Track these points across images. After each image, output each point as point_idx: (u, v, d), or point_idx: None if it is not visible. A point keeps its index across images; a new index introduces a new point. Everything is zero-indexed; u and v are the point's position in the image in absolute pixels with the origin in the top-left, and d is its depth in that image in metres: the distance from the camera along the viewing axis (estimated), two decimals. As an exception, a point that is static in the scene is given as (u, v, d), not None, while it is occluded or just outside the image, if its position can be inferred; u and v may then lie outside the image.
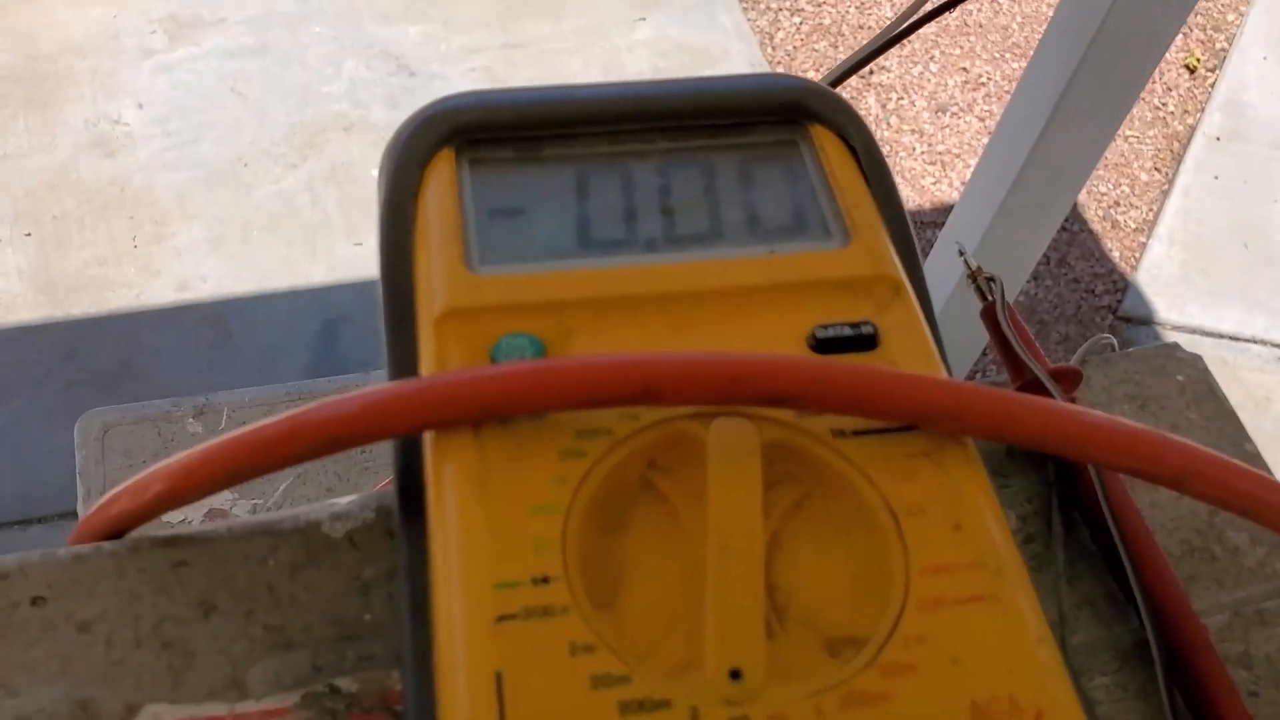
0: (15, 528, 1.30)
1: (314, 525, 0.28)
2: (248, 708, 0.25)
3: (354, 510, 0.28)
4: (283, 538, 0.27)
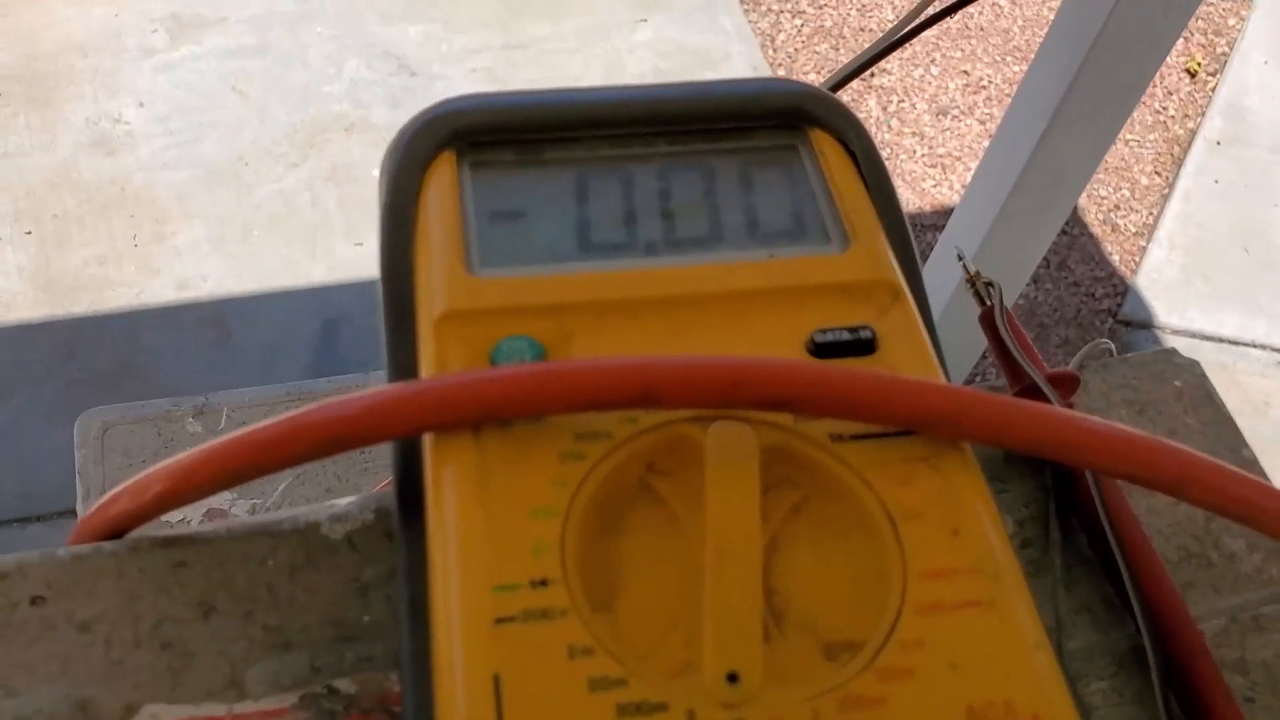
0: (15, 526, 1.30)
1: (313, 526, 0.28)
2: (246, 708, 0.25)
3: (353, 512, 0.28)
4: (282, 539, 0.27)
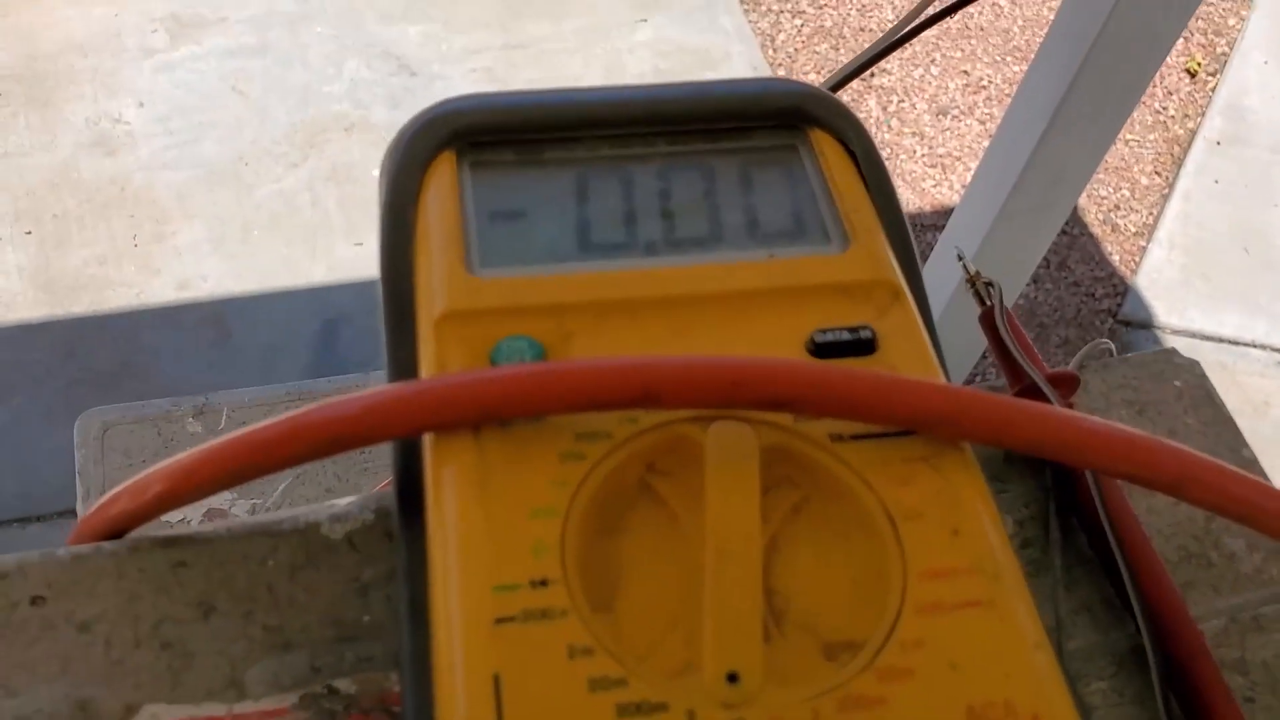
0: (14, 525, 1.30)
1: (313, 526, 0.28)
2: (246, 708, 0.25)
3: (353, 512, 0.28)
4: (282, 539, 0.27)
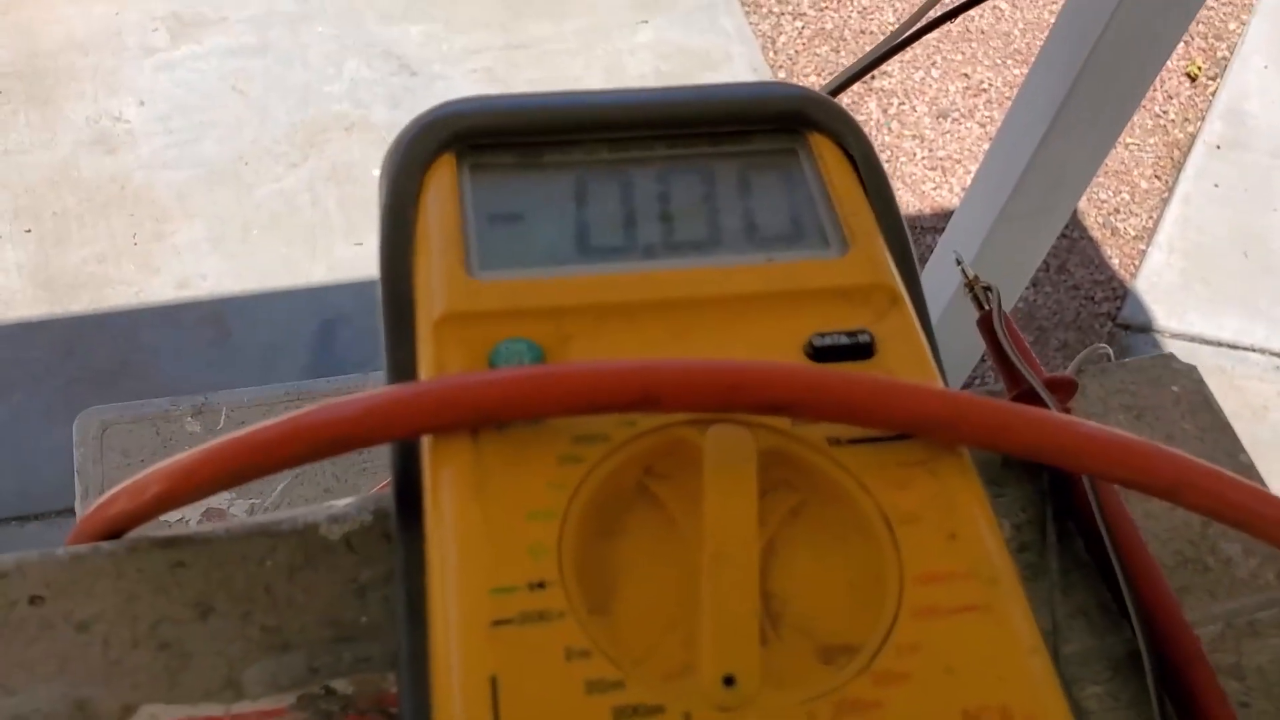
0: (13, 524, 1.30)
1: (312, 527, 0.28)
2: (244, 708, 0.25)
3: (351, 513, 0.28)
4: (280, 539, 0.27)
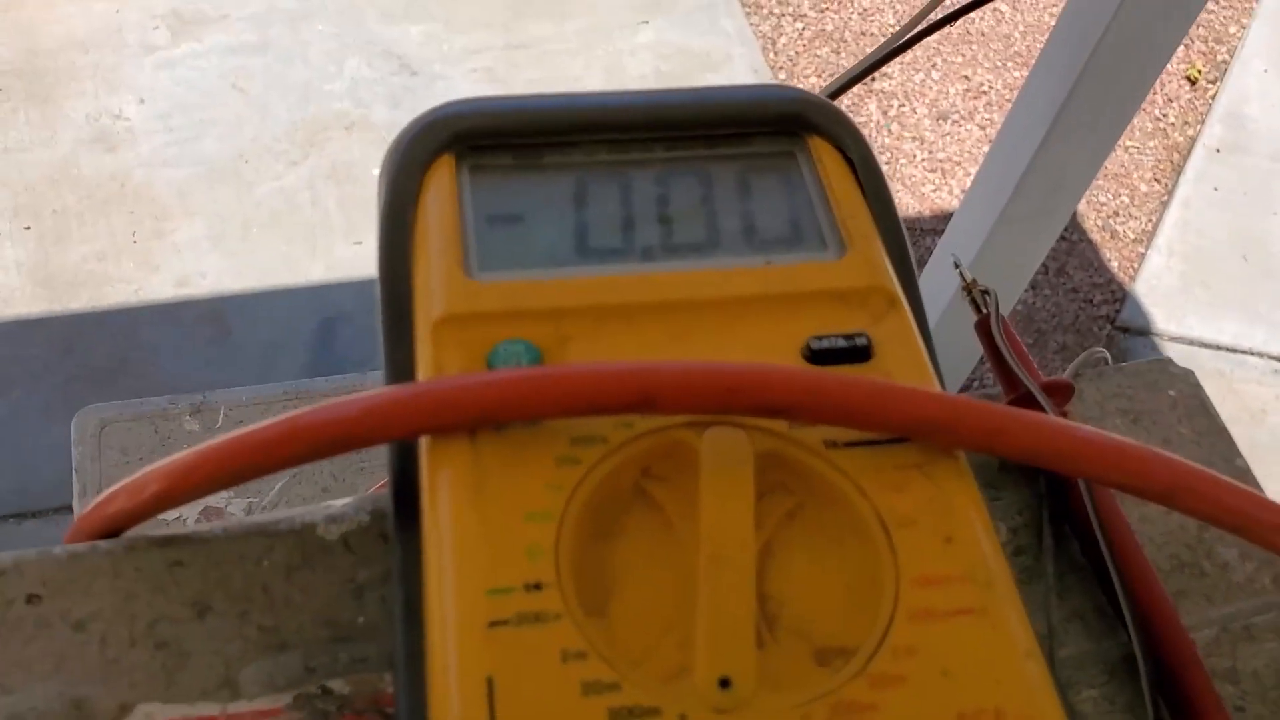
0: (11, 521, 1.31)
1: (309, 527, 0.28)
2: (240, 708, 0.25)
3: (349, 513, 0.28)
4: (278, 539, 0.27)
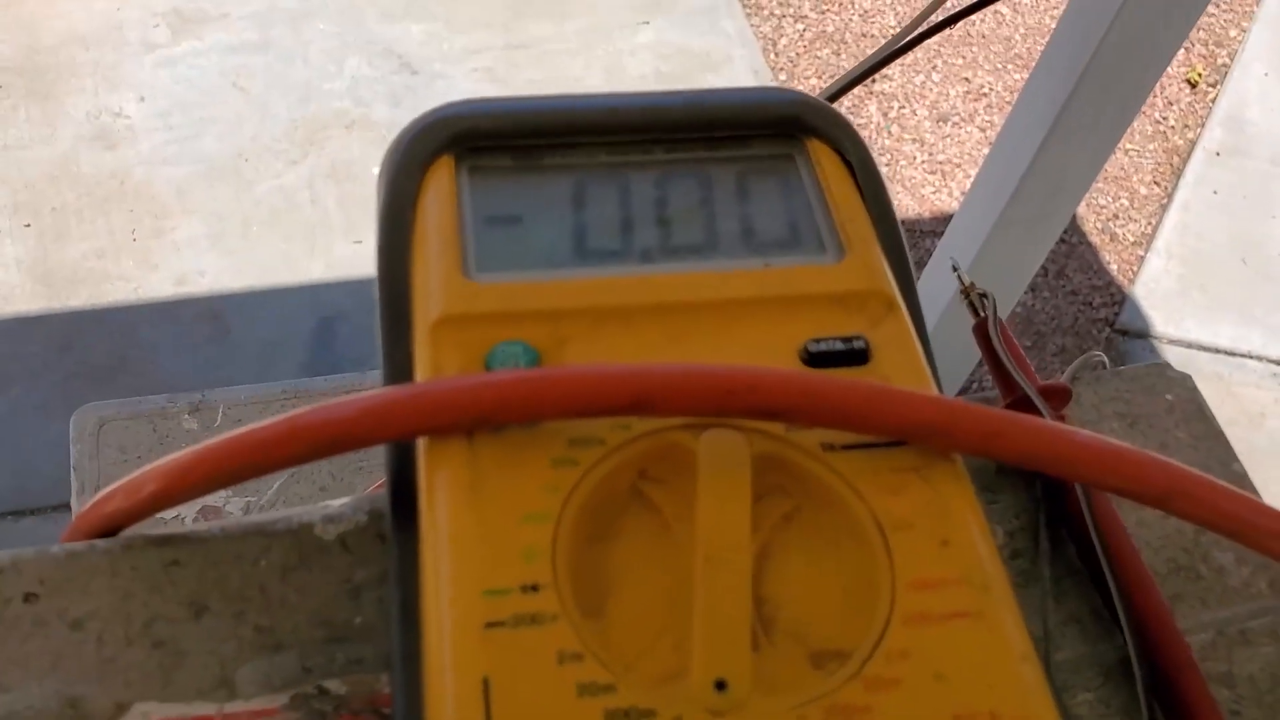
0: (8, 519, 1.30)
1: (306, 527, 0.28)
2: (236, 708, 0.25)
3: (346, 513, 0.28)
4: (275, 539, 0.27)
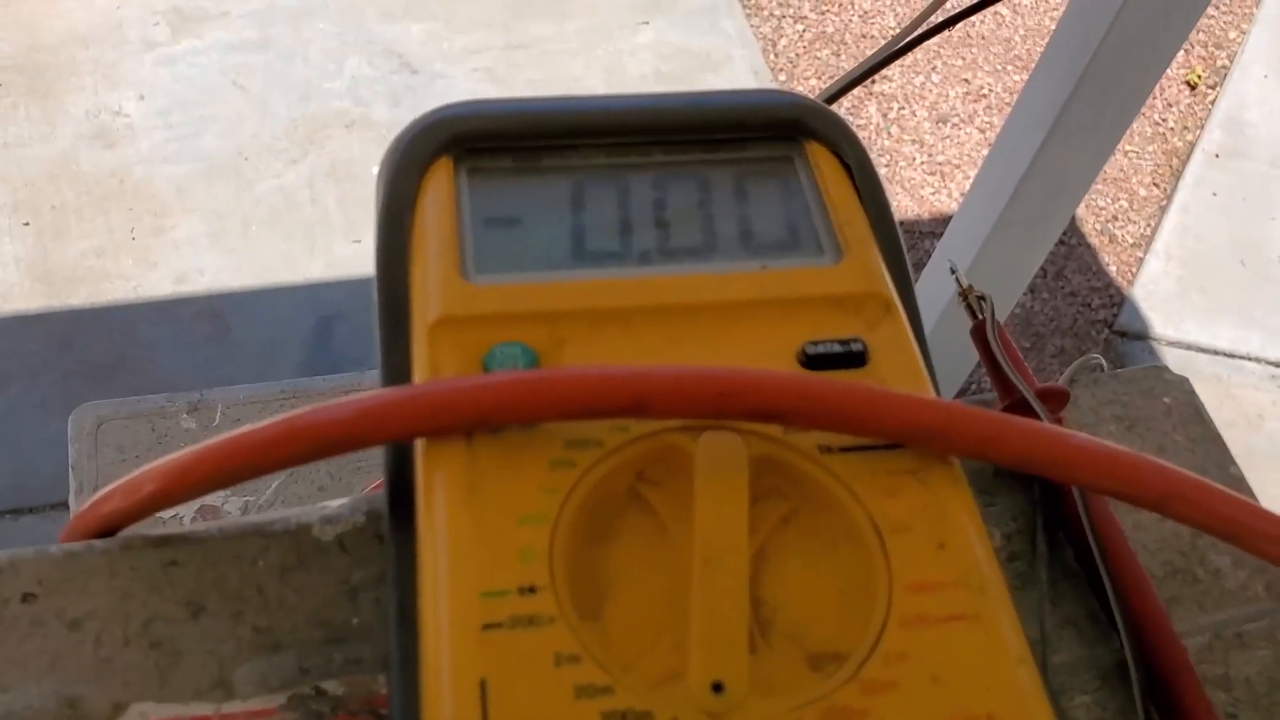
0: (7, 517, 1.30)
1: (304, 528, 0.28)
2: (234, 708, 0.25)
3: (344, 514, 0.28)
4: (273, 539, 0.27)
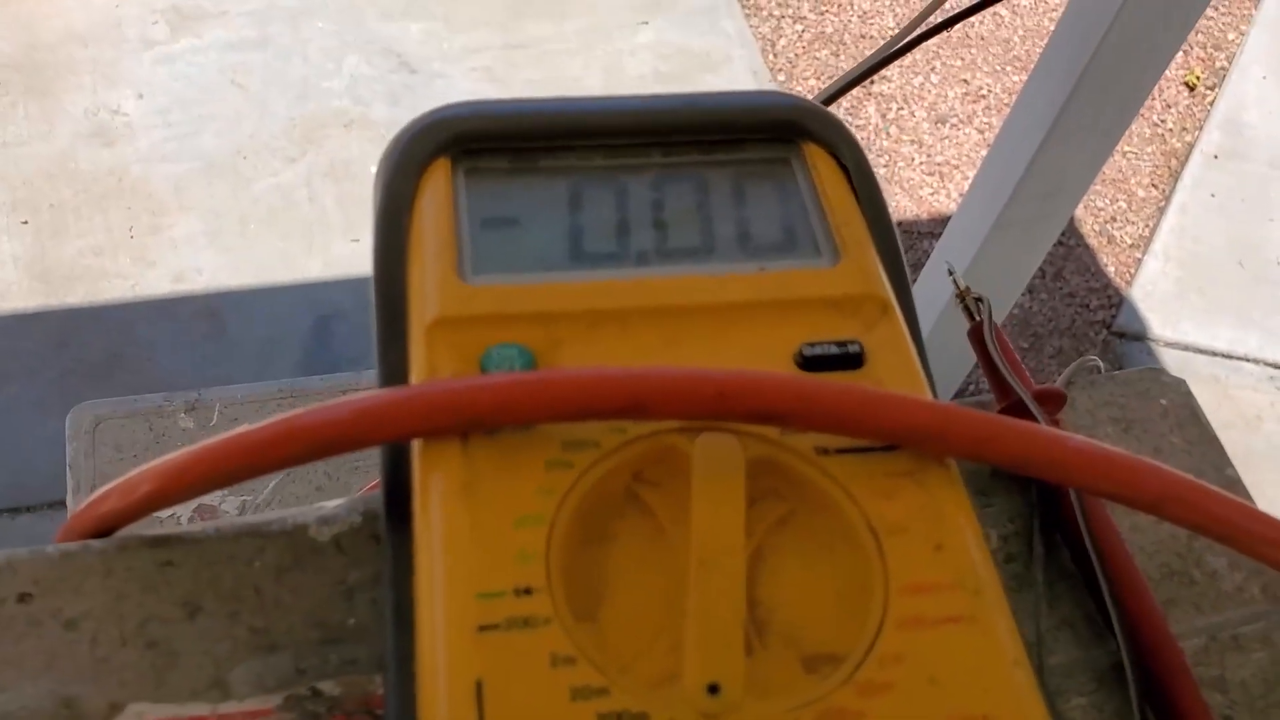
0: (4, 516, 1.30)
1: (301, 528, 0.28)
2: (230, 708, 0.25)
3: (341, 514, 0.28)
4: (270, 540, 0.27)
